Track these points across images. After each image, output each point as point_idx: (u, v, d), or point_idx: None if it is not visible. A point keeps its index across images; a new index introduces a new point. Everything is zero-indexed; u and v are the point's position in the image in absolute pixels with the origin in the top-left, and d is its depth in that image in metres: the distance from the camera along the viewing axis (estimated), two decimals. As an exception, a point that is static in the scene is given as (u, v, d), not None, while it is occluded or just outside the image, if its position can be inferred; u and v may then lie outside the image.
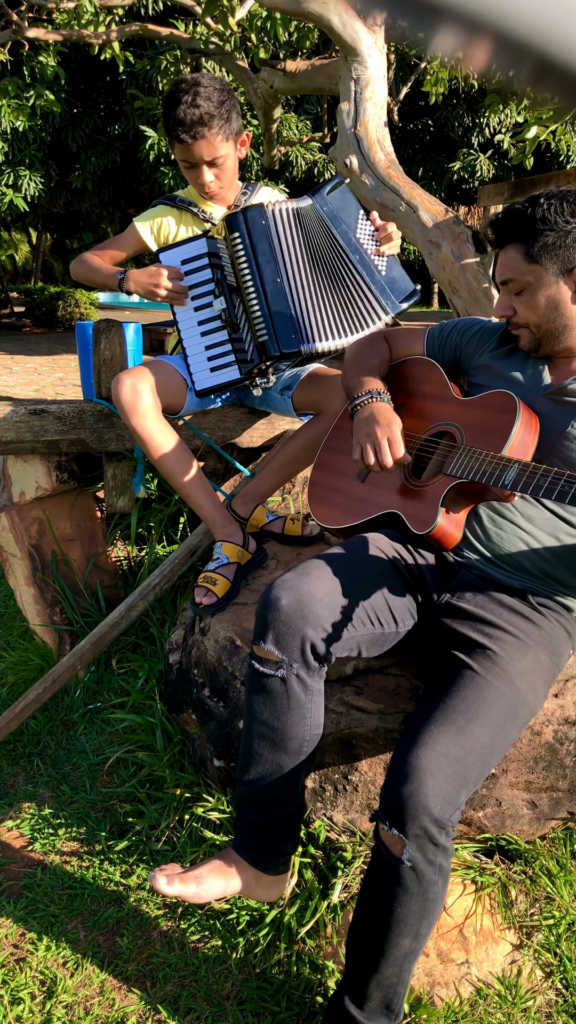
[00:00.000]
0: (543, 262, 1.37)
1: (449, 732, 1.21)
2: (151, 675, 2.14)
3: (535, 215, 1.36)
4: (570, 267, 1.37)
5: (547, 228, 1.35)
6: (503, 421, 1.41)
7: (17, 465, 2.30)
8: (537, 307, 1.40)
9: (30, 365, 9.61)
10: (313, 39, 4.14)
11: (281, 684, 1.33)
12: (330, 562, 1.41)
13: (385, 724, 1.55)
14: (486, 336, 1.61)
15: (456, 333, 1.66)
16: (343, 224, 1.92)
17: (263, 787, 1.39)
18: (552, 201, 1.36)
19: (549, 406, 1.44)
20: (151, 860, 1.72)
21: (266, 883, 1.42)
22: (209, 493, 2.01)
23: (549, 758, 1.56)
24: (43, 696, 2.05)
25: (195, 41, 4.62)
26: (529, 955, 1.50)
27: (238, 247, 1.87)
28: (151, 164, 8.94)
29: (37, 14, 4.80)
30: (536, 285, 1.39)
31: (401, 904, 1.19)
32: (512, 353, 1.54)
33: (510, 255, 1.41)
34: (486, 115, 9.72)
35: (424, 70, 4.57)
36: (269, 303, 1.86)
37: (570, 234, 1.35)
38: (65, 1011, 1.42)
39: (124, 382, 1.89)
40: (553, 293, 1.39)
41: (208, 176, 2.01)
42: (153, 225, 2.11)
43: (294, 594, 1.33)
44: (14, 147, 8.91)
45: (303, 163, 9.52)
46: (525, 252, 1.38)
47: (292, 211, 1.90)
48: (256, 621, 1.38)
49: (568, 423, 1.41)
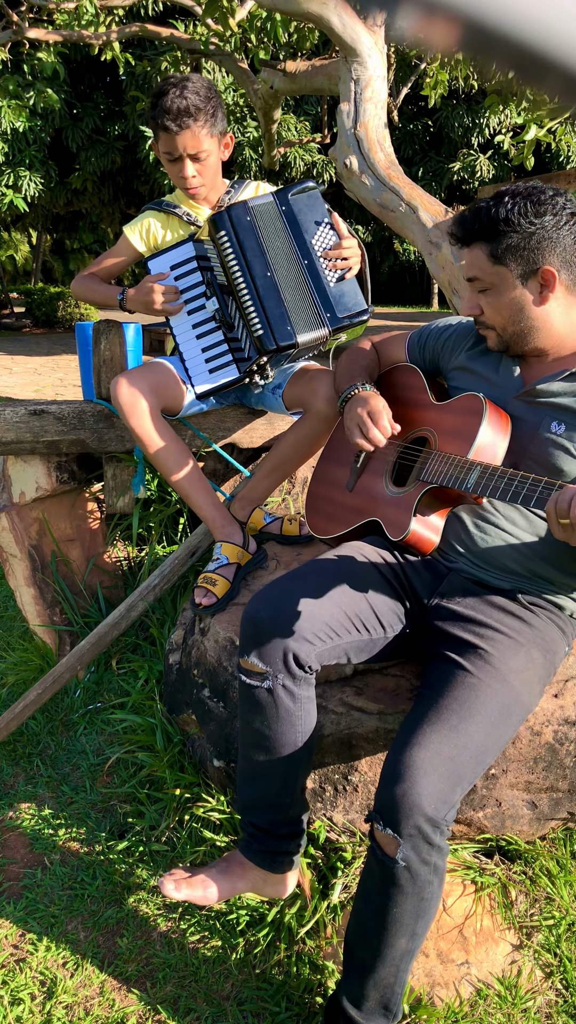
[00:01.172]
0: (507, 263, 1.33)
1: (442, 731, 1.22)
2: (151, 675, 2.14)
3: (498, 215, 1.31)
4: (534, 269, 1.33)
5: (510, 229, 1.31)
6: (471, 424, 1.41)
7: (17, 465, 2.31)
8: (502, 309, 1.38)
9: (30, 365, 9.61)
10: (313, 40, 4.15)
11: (268, 695, 1.35)
12: (312, 572, 1.43)
13: (385, 724, 1.55)
14: (461, 337, 1.59)
15: (432, 338, 1.65)
16: (298, 228, 1.91)
17: (262, 793, 1.41)
18: (517, 201, 1.31)
19: (522, 408, 1.43)
20: (151, 860, 1.72)
21: (274, 881, 1.44)
22: (209, 493, 2.01)
23: (549, 758, 1.56)
24: (43, 696, 2.05)
25: (195, 42, 4.62)
26: (529, 955, 1.50)
27: (225, 245, 1.86)
28: (151, 164, 8.94)
29: (37, 15, 4.81)
30: (501, 287, 1.36)
31: (396, 904, 1.19)
32: (487, 352, 1.52)
33: (476, 254, 1.37)
34: (486, 116, 9.72)
35: (424, 71, 4.57)
36: (261, 297, 1.86)
37: (534, 236, 1.30)
38: (65, 1012, 1.42)
39: (123, 383, 1.89)
40: (518, 296, 1.35)
41: (190, 170, 2.00)
42: (142, 230, 2.11)
43: (273, 607, 1.35)
44: (14, 147, 8.91)
45: (302, 164, 9.52)
46: (489, 253, 1.34)
47: (262, 206, 1.88)
48: (240, 635, 1.40)
49: (539, 424, 1.39)
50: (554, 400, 1.38)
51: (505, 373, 1.47)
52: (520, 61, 0.27)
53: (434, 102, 4.38)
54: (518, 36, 0.26)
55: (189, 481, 1.97)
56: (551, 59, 0.27)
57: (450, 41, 0.27)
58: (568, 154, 10.18)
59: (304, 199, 1.92)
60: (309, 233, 1.91)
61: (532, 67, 0.27)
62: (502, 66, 0.27)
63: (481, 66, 0.28)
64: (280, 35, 3.91)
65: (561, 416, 1.37)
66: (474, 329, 1.56)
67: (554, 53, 0.27)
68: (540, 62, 0.27)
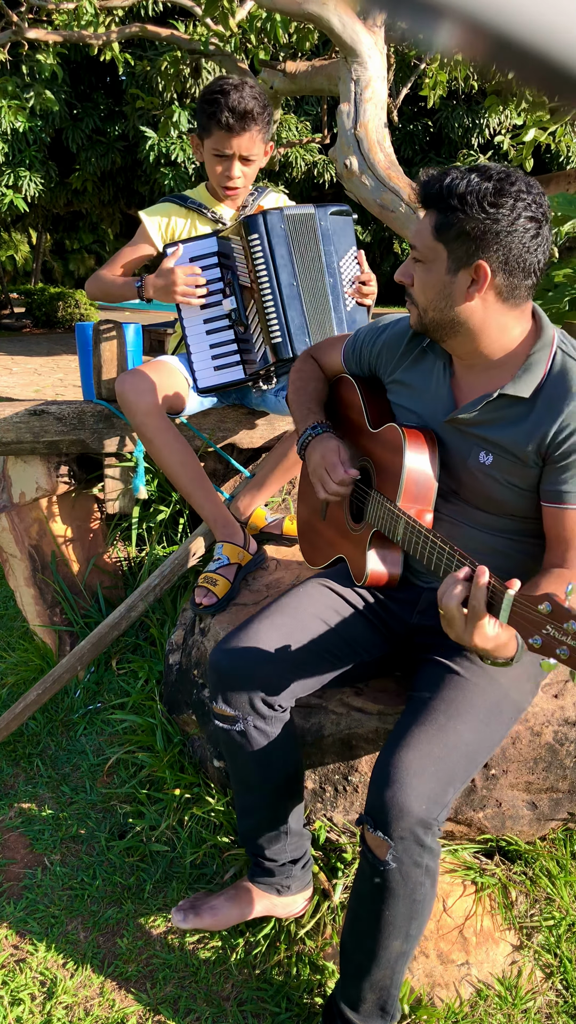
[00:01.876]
0: (446, 243, 1.20)
1: (430, 731, 1.22)
2: (151, 676, 2.14)
3: (455, 188, 1.16)
4: (470, 260, 1.19)
5: (460, 209, 1.16)
6: (395, 463, 1.36)
7: (17, 466, 2.30)
8: (427, 289, 1.25)
9: (30, 365, 9.61)
10: (313, 40, 4.14)
11: (242, 736, 1.38)
12: (276, 613, 1.43)
13: (385, 724, 1.55)
14: (393, 346, 1.47)
15: (366, 349, 1.53)
16: (332, 246, 1.95)
17: (255, 826, 1.46)
18: (481, 183, 1.16)
19: (451, 434, 1.35)
20: (151, 860, 1.72)
21: (285, 903, 1.49)
22: (210, 493, 2.01)
23: (549, 759, 1.56)
24: (43, 697, 2.05)
25: (195, 42, 4.62)
26: (529, 956, 1.50)
27: (256, 248, 1.87)
28: (151, 164, 8.94)
29: (37, 15, 4.80)
30: (433, 264, 1.23)
31: (388, 907, 1.19)
32: (419, 361, 1.42)
33: (424, 222, 1.24)
34: (486, 116, 9.73)
35: (423, 72, 4.57)
36: (285, 306, 1.88)
37: (480, 224, 1.16)
38: (65, 1012, 1.42)
39: (127, 382, 1.89)
40: (445, 282, 1.22)
41: (237, 171, 2.03)
42: (162, 224, 2.11)
43: (233, 657, 1.37)
44: (14, 147, 8.91)
45: (303, 164, 9.52)
46: (435, 225, 1.21)
47: (300, 216, 1.92)
48: (208, 682, 1.44)
49: (468, 454, 1.33)
50: (478, 432, 1.31)
51: (438, 388, 1.37)
52: (545, 75, 0.27)
53: (433, 102, 4.37)
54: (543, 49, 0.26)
55: (192, 480, 1.97)
56: (552, 60, 0.27)
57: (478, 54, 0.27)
58: (568, 154, 10.18)
59: (340, 222, 1.97)
60: (339, 255, 1.96)
61: (556, 79, 0.27)
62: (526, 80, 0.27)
63: (490, 70, 0.28)
64: (280, 35, 3.91)
65: (487, 447, 1.30)
66: (407, 333, 1.44)
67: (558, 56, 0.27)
68: (544, 64, 0.27)
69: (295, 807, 1.46)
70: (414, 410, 1.42)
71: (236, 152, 2.00)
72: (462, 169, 1.20)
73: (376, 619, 1.47)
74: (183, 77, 5.30)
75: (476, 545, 1.37)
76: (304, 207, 1.94)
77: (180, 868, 1.69)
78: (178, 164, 8.79)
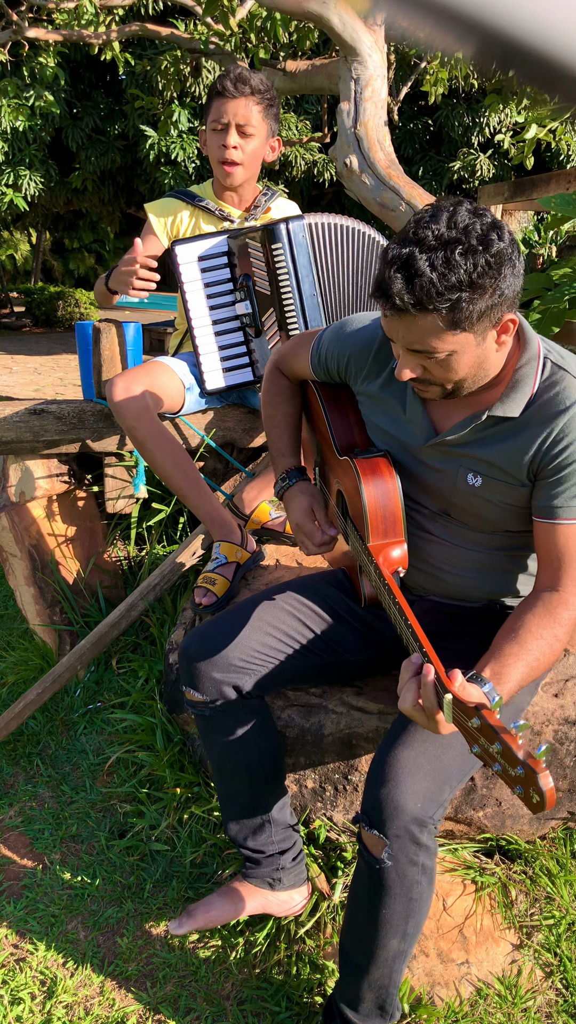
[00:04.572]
0: (471, 328, 1.10)
1: (426, 730, 1.21)
2: (151, 675, 2.14)
3: (462, 282, 1.05)
4: (499, 319, 1.11)
5: (478, 295, 1.06)
6: (356, 501, 1.31)
7: (17, 465, 2.30)
8: (461, 368, 1.15)
9: (30, 365, 9.61)
10: (313, 39, 4.14)
11: (212, 721, 1.41)
12: (248, 605, 1.45)
13: (385, 724, 1.55)
14: (360, 358, 1.38)
15: (331, 360, 1.43)
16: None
17: (236, 814, 1.47)
18: (470, 258, 1.04)
19: (436, 456, 1.30)
20: (151, 859, 1.72)
21: (280, 899, 1.48)
22: (206, 493, 2.00)
23: (549, 758, 1.56)
24: (43, 696, 2.05)
25: (195, 41, 4.61)
26: (529, 955, 1.50)
27: (278, 256, 1.84)
28: (151, 163, 8.93)
29: (37, 14, 4.80)
30: (462, 350, 1.12)
31: (385, 905, 1.19)
32: (390, 379, 1.34)
33: (423, 324, 1.09)
34: (486, 115, 9.71)
35: (424, 70, 4.57)
36: (306, 316, 1.87)
37: (497, 291, 1.07)
38: (65, 1011, 1.42)
39: (118, 384, 1.88)
40: (481, 351, 1.14)
41: (233, 139, 2.00)
42: (167, 222, 2.11)
43: (200, 642, 1.40)
44: (14, 147, 8.91)
45: (303, 163, 9.51)
46: (449, 322, 1.08)
47: (330, 226, 1.89)
48: (179, 667, 1.46)
49: (456, 475, 1.28)
50: (466, 451, 1.26)
51: (413, 411, 1.30)
52: (540, 72, 0.27)
53: (434, 99, 4.37)
54: (538, 45, 0.26)
55: (186, 481, 1.96)
56: (552, 60, 0.27)
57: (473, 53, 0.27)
58: (568, 153, 10.17)
59: None
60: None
61: (548, 76, 0.27)
62: (524, 78, 0.27)
63: (488, 70, 0.27)
64: (280, 34, 3.91)
65: (475, 466, 1.26)
66: (373, 342, 1.36)
67: (559, 57, 0.27)
68: (554, 70, 0.27)
69: (277, 796, 1.47)
70: (387, 430, 1.36)
71: (232, 120, 1.98)
72: (429, 259, 1.04)
73: (361, 624, 1.48)
74: (183, 76, 5.30)
75: (473, 565, 1.36)
76: (326, 216, 1.91)
77: (180, 867, 1.69)
78: (178, 163, 8.78)
